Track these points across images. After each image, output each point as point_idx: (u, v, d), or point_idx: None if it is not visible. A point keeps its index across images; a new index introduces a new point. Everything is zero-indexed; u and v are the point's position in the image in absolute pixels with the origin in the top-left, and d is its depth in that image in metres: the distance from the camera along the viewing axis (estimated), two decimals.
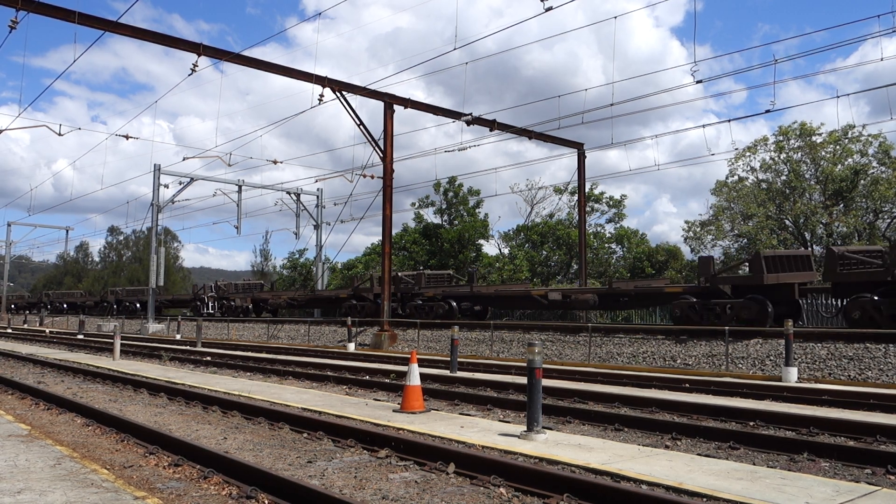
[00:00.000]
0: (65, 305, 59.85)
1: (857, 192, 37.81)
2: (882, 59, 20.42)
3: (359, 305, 29.35)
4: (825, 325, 20.28)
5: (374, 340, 25.07)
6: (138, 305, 49.23)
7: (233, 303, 39.65)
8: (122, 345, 20.75)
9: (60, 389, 12.71)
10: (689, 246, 43.06)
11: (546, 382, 10.70)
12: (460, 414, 9.84)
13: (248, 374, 16.41)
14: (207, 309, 41.51)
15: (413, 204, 49.47)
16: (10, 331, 41.79)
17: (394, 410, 9.60)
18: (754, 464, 6.78)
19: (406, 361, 12.46)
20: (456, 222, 47.14)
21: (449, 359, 16.31)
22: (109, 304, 53.15)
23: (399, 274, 28.89)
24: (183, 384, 13.00)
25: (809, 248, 38.99)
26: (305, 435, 8.16)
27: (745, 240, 39.99)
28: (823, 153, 39.20)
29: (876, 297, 15.75)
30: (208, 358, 20.24)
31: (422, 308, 26.99)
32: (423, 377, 11.60)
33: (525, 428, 7.61)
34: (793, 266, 18.02)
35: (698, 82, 20.65)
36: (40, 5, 19.18)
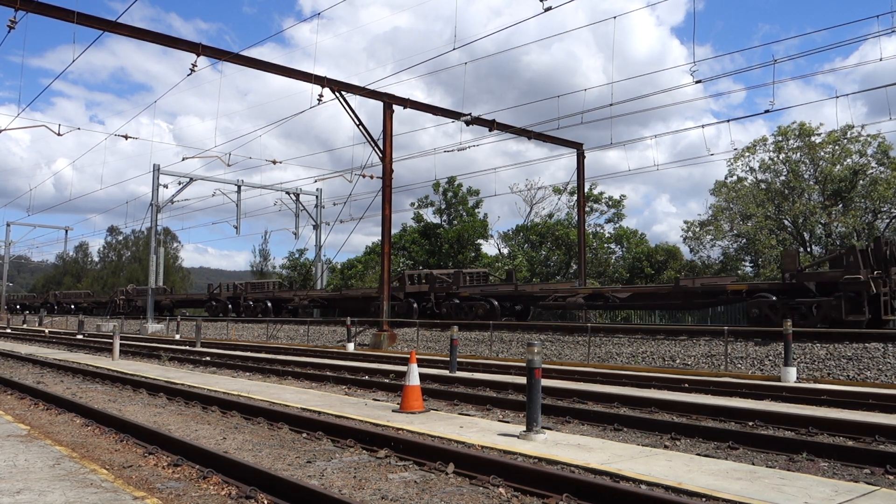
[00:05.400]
0: (17, 307, 72.75)
1: (856, 192, 37.82)
2: (881, 59, 20.45)
3: (213, 306, 41.68)
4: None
5: (373, 340, 25.07)
6: (73, 307, 60.23)
7: (135, 303, 48.72)
8: (121, 345, 20.74)
9: (60, 389, 12.70)
10: (689, 246, 43.09)
11: (545, 382, 10.70)
12: (460, 414, 9.84)
13: (248, 374, 16.40)
14: (119, 309, 51.83)
15: (412, 204, 49.49)
16: (9, 331, 41.76)
17: (393, 410, 9.59)
18: (753, 464, 6.78)
19: (405, 361, 12.46)
20: (455, 222, 47.08)
21: (448, 359, 16.31)
22: (52, 304, 64.55)
23: (236, 283, 42.05)
24: (182, 384, 13.00)
25: (808, 249, 39.06)
26: (305, 435, 8.15)
27: (745, 240, 40.01)
28: (822, 153, 39.21)
29: (455, 300, 25.91)
30: (207, 358, 20.24)
31: (249, 307, 37.66)
32: (423, 377, 11.59)
33: (524, 428, 7.61)
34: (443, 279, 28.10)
35: (698, 82, 20.71)
36: (39, 5, 19.16)
